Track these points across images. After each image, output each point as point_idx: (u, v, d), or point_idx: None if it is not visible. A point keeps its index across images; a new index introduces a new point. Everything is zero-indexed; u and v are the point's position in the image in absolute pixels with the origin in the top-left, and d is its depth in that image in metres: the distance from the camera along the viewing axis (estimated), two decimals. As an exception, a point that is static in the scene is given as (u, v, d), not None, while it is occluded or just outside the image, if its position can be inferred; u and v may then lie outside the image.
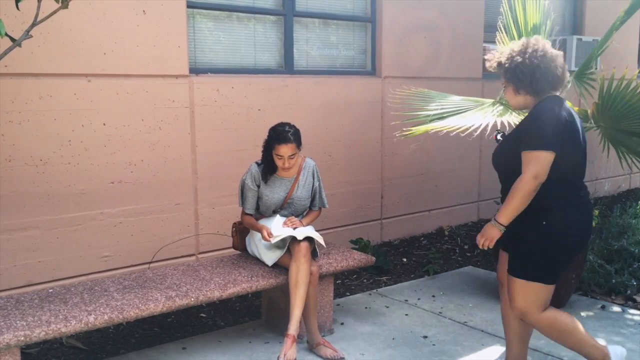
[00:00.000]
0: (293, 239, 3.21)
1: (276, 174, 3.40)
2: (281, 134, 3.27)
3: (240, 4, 4.52)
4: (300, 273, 3.10)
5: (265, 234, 3.24)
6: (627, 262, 4.39)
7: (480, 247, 2.57)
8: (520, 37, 4.01)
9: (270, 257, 3.36)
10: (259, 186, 3.40)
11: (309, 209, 3.60)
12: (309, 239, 3.22)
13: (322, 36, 5.06)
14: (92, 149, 3.81)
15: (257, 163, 3.44)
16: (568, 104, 2.61)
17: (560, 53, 2.61)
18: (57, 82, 3.64)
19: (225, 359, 3.22)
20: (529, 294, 2.56)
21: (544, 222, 2.49)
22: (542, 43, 2.58)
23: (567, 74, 2.61)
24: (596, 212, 3.97)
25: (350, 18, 5.19)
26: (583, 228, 2.60)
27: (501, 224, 2.50)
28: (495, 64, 2.65)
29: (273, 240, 3.22)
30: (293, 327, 3.04)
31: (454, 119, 3.86)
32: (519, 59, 2.54)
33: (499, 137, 2.73)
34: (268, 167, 3.37)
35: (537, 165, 2.39)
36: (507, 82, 2.62)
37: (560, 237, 2.50)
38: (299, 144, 3.32)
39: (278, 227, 3.31)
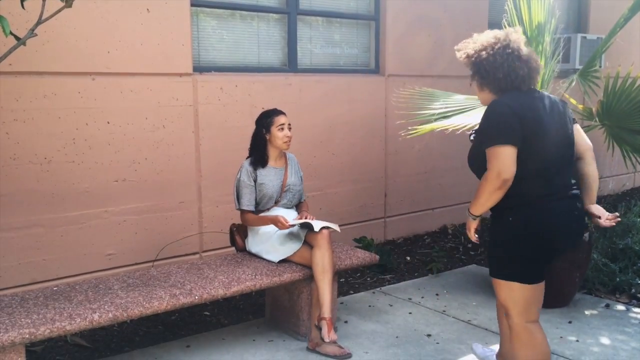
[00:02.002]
0: (309, 231, 3.31)
1: (268, 164, 3.51)
2: (273, 109, 3.53)
3: (244, 2, 4.52)
4: (326, 259, 3.20)
5: (282, 220, 3.31)
6: (631, 260, 4.38)
7: (472, 239, 2.58)
8: (525, 35, 4.01)
9: (282, 252, 3.38)
10: (255, 181, 3.46)
11: (300, 203, 3.73)
12: (325, 229, 3.32)
13: (326, 34, 5.05)
14: (96, 147, 3.81)
15: (248, 158, 3.53)
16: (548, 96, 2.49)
17: (531, 52, 2.47)
18: (61, 81, 3.65)
19: (229, 357, 3.22)
20: (508, 293, 2.46)
21: (510, 219, 2.41)
22: (514, 39, 2.45)
23: (537, 72, 2.46)
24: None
25: (354, 16, 5.18)
26: (549, 225, 2.39)
27: (472, 214, 2.50)
28: (464, 56, 2.53)
29: (293, 222, 3.32)
30: (328, 311, 3.15)
31: (458, 118, 3.86)
32: (484, 54, 2.44)
33: (472, 137, 2.67)
34: (260, 157, 3.50)
35: (497, 161, 2.29)
36: (472, 76, 2.54)
37: (526, 232, 2.38)
38: None
39: (289, 219, 3.40)
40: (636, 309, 3.88)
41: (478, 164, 2.48)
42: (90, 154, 3.79)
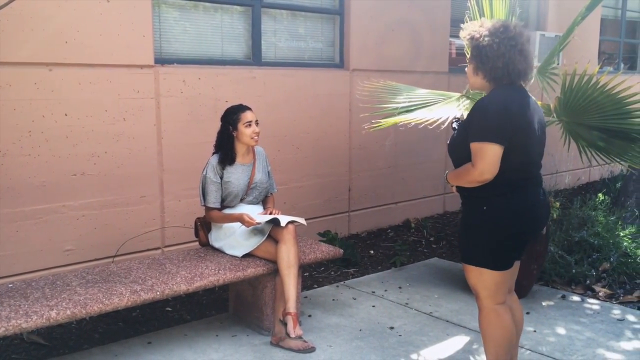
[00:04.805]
0: (274, 226, 3.30)
1: (236, 161, 3.47)
2: (239, 105, 3.48)
3: (207, -7, 4.46)
4: (291, 254, 3.21)
5: (247, 218, 3.28)
6: (586, 252, 4.51)
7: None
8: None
9: (246, 246, 3.36)
10: (221, 177, 3.42)
11: (266, 197, 3.71)
12: (291, 223, 3.31)
13: (290, 28, 5.03)
14: (53, 140, 3.71)
15: (215, 155, 3.48)
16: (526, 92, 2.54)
17: (531, 50, 2.53)
18: (16, 71, 3.53)
19: (191, 353, 3.20)
20: (478, 277, 2.53)
21: (485, 208, 2.46)
22: (519, 31, 2.46)
23: (531, 71, 2.53)
24: (557, 204, 4.06)
25: (319, 10, 5.18)
26: (524, 213, 2.48)
27: (450, 182, 2.58)
28: (468, 37, 2.52)
29: (260, 220, 3.30)
30: (293, 306, 3.15)
31: (421, 112, 3.89)
32: (488, 40, 2.43)
33: (454, 125, 2.67)
34: (227, 155, 3.44)
35: (483, 161, 2.33)
36: (471, 59, 2.52)
37: (500, 222, 2.45)
38: None
39: (255, 215, 3.37)
40: (591, 300, 4.01)
41: (459, 154, 2.51)
42: (47, 147, 3.69)
